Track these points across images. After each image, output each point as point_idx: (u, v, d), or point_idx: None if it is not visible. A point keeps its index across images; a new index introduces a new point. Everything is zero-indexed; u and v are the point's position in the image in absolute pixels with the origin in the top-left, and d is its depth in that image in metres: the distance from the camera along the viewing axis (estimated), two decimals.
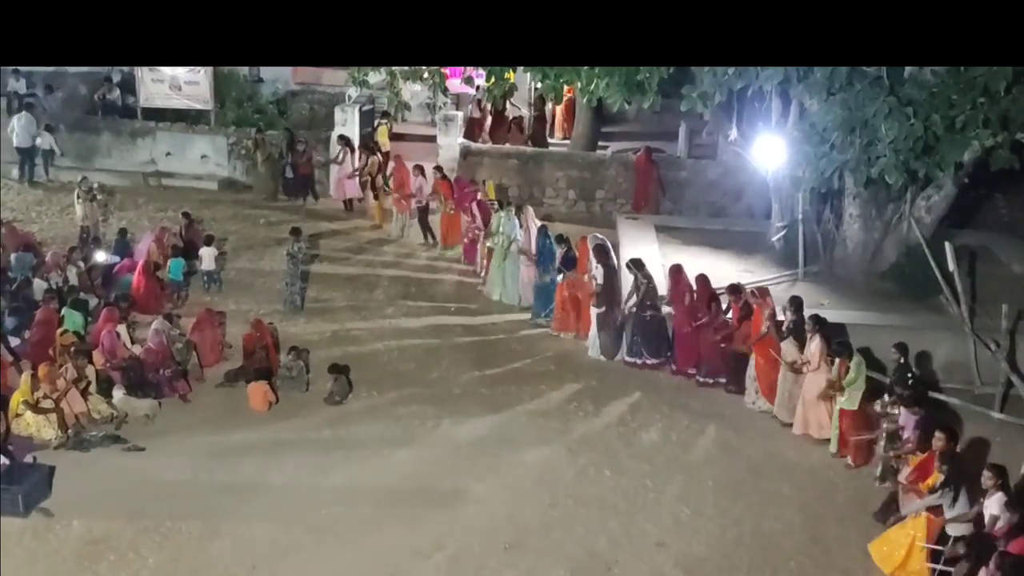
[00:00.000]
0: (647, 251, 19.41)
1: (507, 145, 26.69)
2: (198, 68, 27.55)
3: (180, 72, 27.51)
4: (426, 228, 23.21)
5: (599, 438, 15.13)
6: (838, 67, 15.90)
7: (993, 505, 11.04)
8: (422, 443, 14.77)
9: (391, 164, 24.29)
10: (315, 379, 16.13)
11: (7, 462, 13.03)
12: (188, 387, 15.86)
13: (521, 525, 12.85)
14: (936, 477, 11.64)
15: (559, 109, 29.34)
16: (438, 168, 23.17)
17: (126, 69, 29.56)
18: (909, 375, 14.34)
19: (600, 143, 28.33)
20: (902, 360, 14.53)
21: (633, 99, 18.17)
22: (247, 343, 16.51)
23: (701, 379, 17.04)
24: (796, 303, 15.65)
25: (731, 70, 15.80)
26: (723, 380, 16.85)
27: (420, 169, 23.09)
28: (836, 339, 14.76)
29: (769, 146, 19.31)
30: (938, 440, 11.97)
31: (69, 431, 14.28)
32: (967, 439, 14.39)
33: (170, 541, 12.13)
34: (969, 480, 11.57)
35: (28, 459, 13.57)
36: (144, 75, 27.50)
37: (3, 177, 25.06)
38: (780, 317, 15.56)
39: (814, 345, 14.81)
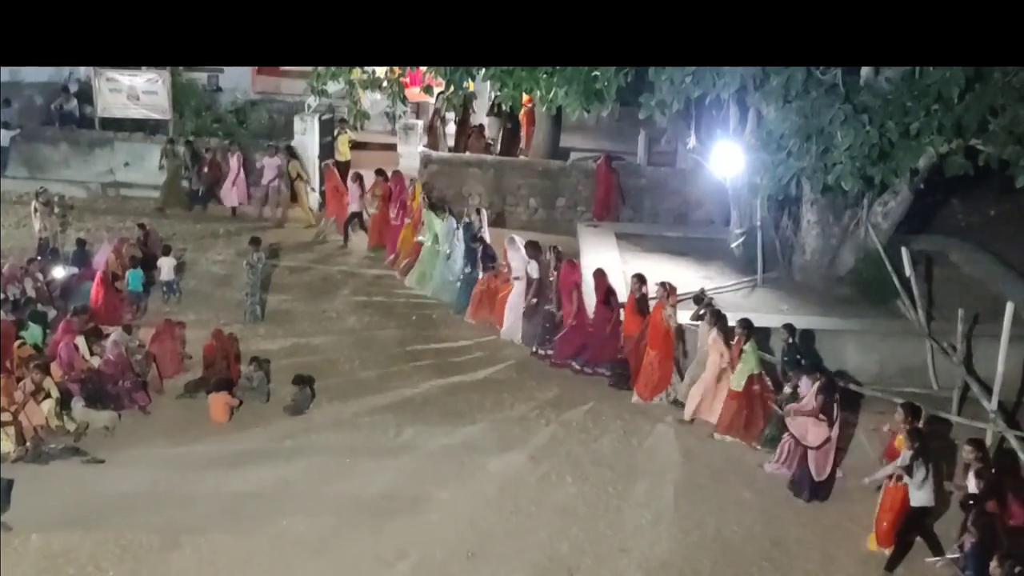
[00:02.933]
0: (608, 258, 19.53)
1: (467, 153, 26.74)
2: (156, 78, 27.53)
3: (138, 82, 27.40)
4: (346, 231, 23.84)
5: (560, 444, 15.18)
6: (794, 75, 16.05)
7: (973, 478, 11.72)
8: (383, 452, 14.77)
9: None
10: (276, 389, 16.11)
11: None
12: (148, 399, 15.78)
13: (484, 532, 12.89)
14: (903, 451, 12.09)
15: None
16: (380, 171, 23.60)
17: (83, 79, 29.45)
18: (798, 354, 15.25)
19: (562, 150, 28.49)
20: (791, 340, 15.42)
21: (592, 107, 18.26)
22: (207, 353, 16.45)
23: (577, 367, 17.58)
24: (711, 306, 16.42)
25: (688, 78, 15.78)
26: (604, 371, 17.34)
27: (358, 176, 23.73)
28: (735, 326, 15.44)
29: (727, 154, 19.47)
30: (900, 417, 12.70)
31: (27, 444, 14.18)
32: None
33: (130, 553, 12.06)
34: (931, 455, 12.06)
35: None
36: (102, 85, 27.36)
37: None
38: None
39: (711, 335, 15.45)
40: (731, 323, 15.59)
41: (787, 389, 14.85)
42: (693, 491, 14.04)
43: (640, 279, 17.15)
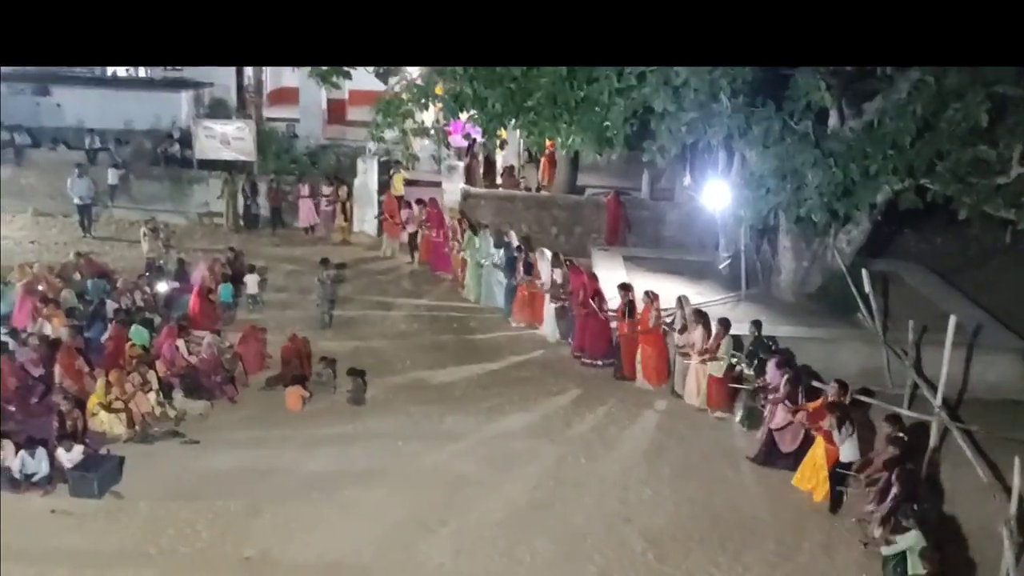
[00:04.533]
0: (617, 276, 19.51)
1: (500, 189, 26.78)
2: (244, 126, 27.74)
3: (229, 129, 27.61)
4: (413, 248, 23.95)
5: (575, 430, 15.18)
6: (772, 124, 15.99)
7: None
8: (430, 437, 14.78)
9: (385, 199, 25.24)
10: (340, 384, 16.13)
11: (85, 453, 13.10)
12: (235, 391, 15.87)
13: (511, 503, 12.90)
14: (830, 419, 12.85)
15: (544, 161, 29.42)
16: (421, 200, 23.93)
17: (184, 127, 29.67)
18: (762, 346, 15.40)
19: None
20: (757, 334, 15.57)
21: (603, 151, 18.28)
22: (285, 354, 16.53)
23: (586, 361, 17.78)
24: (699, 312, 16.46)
25: (684, 127, 15.75)
26: (599, 363, 17.57)
27: (409, 204, 24.15)
28: (717, 324, 15.78)
29: (716, 190, 19.48)
30: (834, 390, 13.43)
31: (136, 427, 14.30)
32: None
33: (219, 519, 12.16)
34: (853, 421, 12.94)
35: (102, 451, 13.57)
36: (199, 132, 27.57)
37: (91, 219, 25.02)
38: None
39: (696, 333, 15.81)
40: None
41: (747, 369, 15.32)
42: (686, 470, 14.02)
43: (625, 288, 17.40)
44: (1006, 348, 17.02)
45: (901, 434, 12.56)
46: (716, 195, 19.49)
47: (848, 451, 12.93)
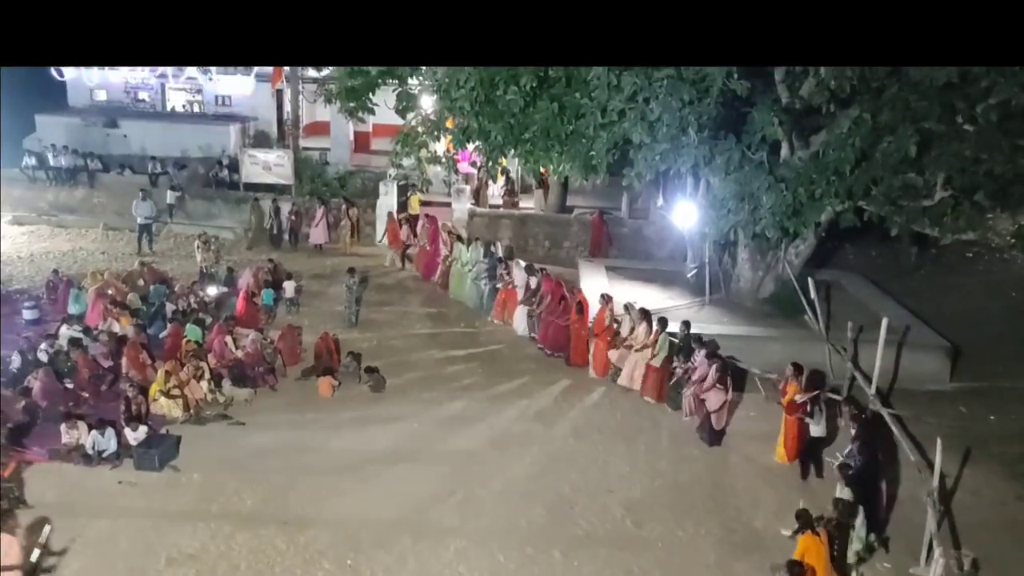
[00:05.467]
0: (599, 284, 19.52)
1: (501, 209, 26.80)
2: (283, 155, 27.76)
3: (271, 157, 27.68)
4: (405, 258, 24.03)
5: (565, 415, 15.18)
6: (732, 155, 16.00)
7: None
8: (442, 421, 14.78)
9: (389, 218, 25.05)
10: (365, 375, 16.10)
11: (147, 432, 13.17)
12: (275, 380, 15.88)
13: (510, 476, 12.94)
14: (792, 394, 13.20)
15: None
16: (428, 215, 24.09)
17: (232, 155, 29.69)
18: (693, 340, 15.36)
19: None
20: (687, 332, 15.55)
21: (588, 176, 18.29)
22: (317, 349, 16.57)
23: (548, 352, 17.83)
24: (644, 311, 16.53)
25: (658, 157, 15.72)
26: (559, 355, 17.59)
27: (408, 222, 24.41)
28: (656, 322, 15.95)
29: (684, 210, 19.53)
30: (790, 372, 13.52)
31: (191, 411, 14.36)
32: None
33: (261, 488, 12.21)
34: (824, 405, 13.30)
35: (162, 431, 13.65)
36: (245, 159, 27.63)
37: (151, 236, 25.02)
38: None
39: (641, 329, 16.03)
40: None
41: (679, 368, 15.30)
42: (657, 449, 14.04)
43: (559, 286, 18.03)
44: (930, 345, 17.05)
45: (862, 415, 12.64)
46: (684, 214, 19.53)
47: (818, 429, 13.20)
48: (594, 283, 19.60)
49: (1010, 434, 14.74)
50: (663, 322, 15.90)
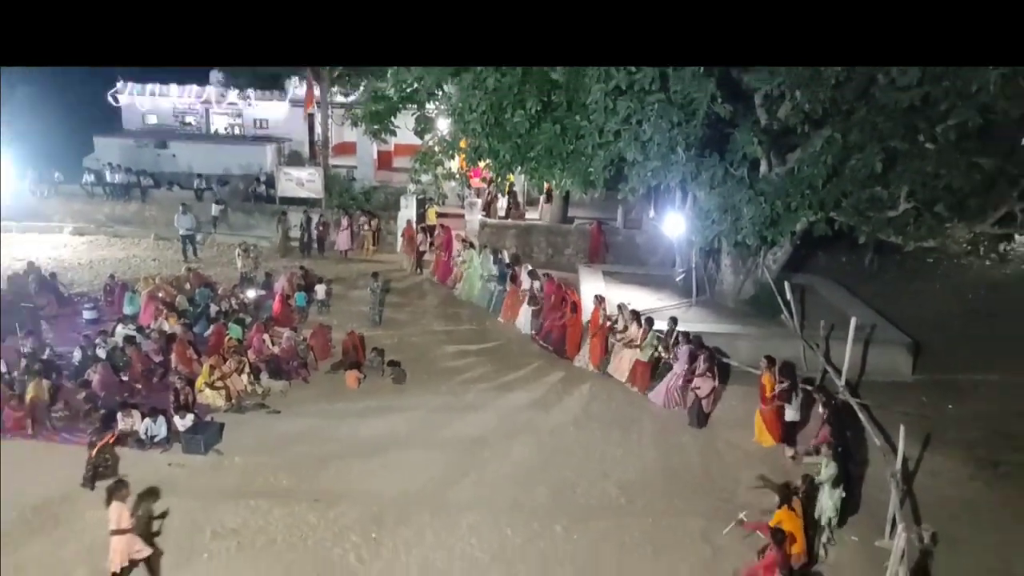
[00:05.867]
0: (597, 287, 19.54)
1: (509, 220, 26.86)
2: (315, 172, 27.87)
3: (303, 174, 27.82)
4: (420, 264, 24.00)
5: (565, 405, 15.18)
6: (716, 171, 15.99)
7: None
8: (456, 410, 14.81)
9: (405, 227, 24.94)
10: (388, 369, 16.14)
11: (194, 420, 13.25)
12: (308, 373, 15.93)
13: (517, 460, 12.97)
14: (768, 384, 13.38)
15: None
16: (443, 225, 24.18)
17: (269, 172, 29.77)
18: (679, 335, 15.50)
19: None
20: (673, 328, 15.77)
21: (588, 190, 18.32)
22: (345, 345, 16.61)
23: (542, 344, 17.89)
24: (635, 312, 16.56)
25: (650, 173, 15.77)
26: (550, 347, 17.68)
27: (422, 232, 24.46)
28: (644, 322, 15.97)
29: (673, 221, 19.56)
30: (764, 364, 13.67)
31: (233, 400, 14.42)
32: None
33: (296, 470, 12.25)
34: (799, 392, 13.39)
35: (207, 418, 13.72)
36: (280, 176, 27.74)
37: (194, 245, 25.12)
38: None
39: (633, 327, 16.07)
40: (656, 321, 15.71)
41: (664, 359, 15.46)
42: (649, 436, 14.03)
43: (561, 289, 18.11)
44: (894, 342, 17.02)
45: (831, 400, 12.71)
46: (673, 224, 19.59)
47: (792, 413, 13.45)
48: (593, 287, 19.60)
49: (966, 421, 14.71)
50: (650, 321, 15.95)
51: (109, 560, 9.47)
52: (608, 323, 16.62)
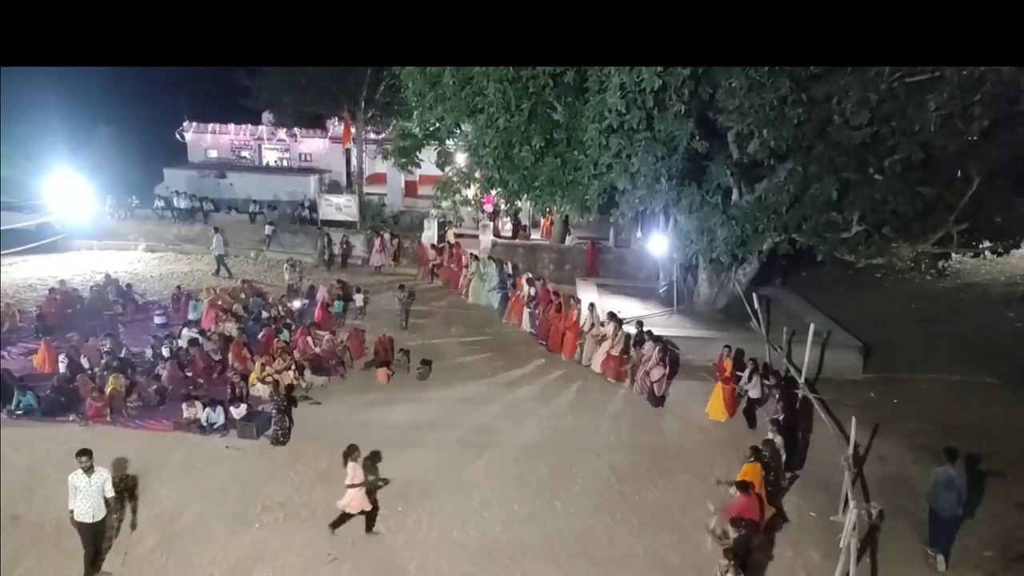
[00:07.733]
0: (592, 297, 19.55)
1: (516, 240, 26.91)
2: (351, 198, 27.96)
3: (341, 200, 27.91)
4: (433, 275, 23.91)
5: (566, 398, 15.17)
6: (695, 198, 16.03)
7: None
8: (470, 401, 14.79)
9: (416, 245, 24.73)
10: (413, 367, 16.16)
11: (247, 410, 13.30)
12: (345, 370, 15.95)
13: (522, 444, 12.98)
14: (728, 368, 13.97)
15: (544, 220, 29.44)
16: (455, 244, 24.07)
17: (312, 199, 29.84)
18: (645, 334, 15.58)
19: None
20: (642, 327, 15.93)
21: (584, 214, 18.36)
22: (377, 346, 16.66)
23: (541, 341, 17.98)
24: (612, 315, 16.66)
25: (637, 199, 15.88)
26: (543, 342, 17.86)
27: (437, 249, 24.36)
28: (615, 322, 16.15)
29: (658, 240, 19.54)
30: (725, 352, 14.27)
31: (280, 395, 14.44)
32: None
33: (333, 452, 12.02)
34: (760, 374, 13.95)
35: (259, 409, 13.75)
36: (321, 202, 27.87)
37: (225, 264, 25.08)
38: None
39: (609, 327, 16.14)
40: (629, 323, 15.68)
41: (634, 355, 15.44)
42: (637, 423, 14.01)
43: (556, 294, 18.21)
44: (847, 345, 16.96)
45: (782, 380, 13.23)
46: (657, 244, 19.55)
47: (755, 392, 13.98)
48: (588, 296, 19.62)
49: (908, 414, 14.67)
50: (620, 321, 16.25)
51: (344, 504, 10.15)
52: (588, 325, 16.78)
